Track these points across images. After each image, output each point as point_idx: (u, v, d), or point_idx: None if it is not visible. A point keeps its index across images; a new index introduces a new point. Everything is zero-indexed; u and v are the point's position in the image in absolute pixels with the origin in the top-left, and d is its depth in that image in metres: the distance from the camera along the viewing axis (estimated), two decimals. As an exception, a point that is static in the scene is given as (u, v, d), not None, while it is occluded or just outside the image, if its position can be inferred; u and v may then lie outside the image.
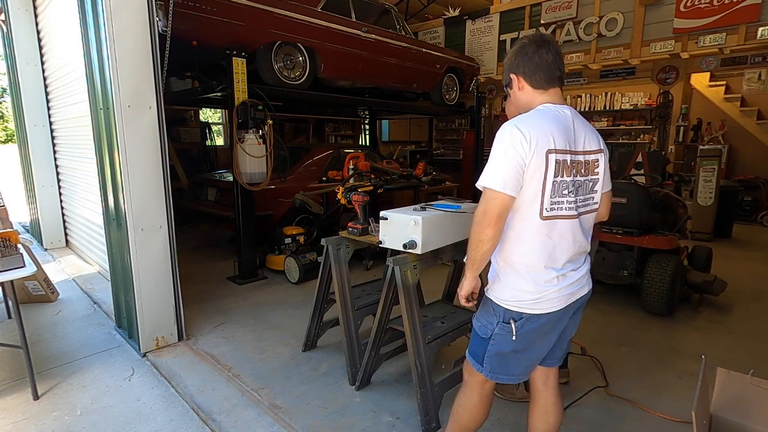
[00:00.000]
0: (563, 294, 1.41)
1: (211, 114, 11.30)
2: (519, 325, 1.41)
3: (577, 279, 1.45)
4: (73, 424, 2.18)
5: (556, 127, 1.34)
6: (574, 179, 1.38)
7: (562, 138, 1.34)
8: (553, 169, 1.32)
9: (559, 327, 1.48)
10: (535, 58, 1.39)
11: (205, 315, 3.47)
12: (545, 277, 1.38)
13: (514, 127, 1.32)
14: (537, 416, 1.63)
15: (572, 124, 1.39)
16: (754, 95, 7.66)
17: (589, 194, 1.45)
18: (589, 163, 1.41)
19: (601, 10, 6.64)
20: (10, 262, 2.30)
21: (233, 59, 3.91)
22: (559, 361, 1.61)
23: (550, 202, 1.34)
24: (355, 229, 2.54)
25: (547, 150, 1.30)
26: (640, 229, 3.48)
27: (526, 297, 1.39)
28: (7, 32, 5.03)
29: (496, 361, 1.48)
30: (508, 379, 1.51)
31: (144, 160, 2.70)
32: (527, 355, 1.47)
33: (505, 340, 1.44)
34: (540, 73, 1.40)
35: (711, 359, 1.80)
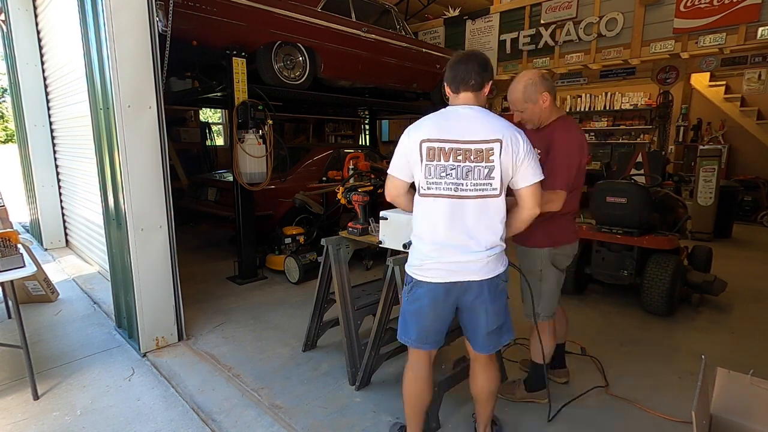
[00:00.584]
0: (442, 268, 1.64)
1: (211, 114, 11.29)
2: (409, 288, 1.73)
3: (463, 261, 1.63)
4: (73, 424, 2.18)
5: (437, 121, 1.65)
6: (456, 164, 1.60)
7: (441, 129, 1.62)
8: (425, 154, 1.62)
9: (446, 305, 1.69)
10: (453, 71, 1.70)
11: (205, 315, 3.47)
12: (427, 247, 1.67)
13: (407, 128, 1.69)
14: (470, 380, 1.91)
15: (465, 118, 1.64)
16: (754, 95, 7.66)
17: (485, 180, 1.61)
18: (481, 152, 1.59)
19: (601, 10, 6.63)
20: (10, 262, 2.30)
21: (233, 59, 3.91)
22: (484, 350, 1.78)
23: (426, 182, 1.64)
24: (355, 229, 2.54)
25: (420, 140, 1.62)
26: (640, 229, 3.48)
27: (414, 263, 1.71)
28: (7, 32, 5.03)
29: (402, 320, 1.79)
30: (407, 340, 1.78)
31: (144, 160, 2.70)
32: (418, 320, 1.73)
33: (405, 300, 1.77)
34: (452, 81, 1.71)
35: (711, 359, 1.80)
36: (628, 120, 9.31)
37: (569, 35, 6.94)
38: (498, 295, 1.71)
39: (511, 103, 2.13)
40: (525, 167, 1.62)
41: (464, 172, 1.60)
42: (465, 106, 1.67)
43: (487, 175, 1.60)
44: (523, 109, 2.08)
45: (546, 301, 2.19)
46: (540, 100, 2.03)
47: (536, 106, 2.05)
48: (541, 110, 2.06)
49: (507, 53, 7.77)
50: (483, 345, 1.76)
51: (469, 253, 1.63)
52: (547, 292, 2.18)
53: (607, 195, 3.56)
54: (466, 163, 1.60)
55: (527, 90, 2.03)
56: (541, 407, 2.29)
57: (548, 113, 2.08)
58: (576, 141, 2.01)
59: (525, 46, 7.50)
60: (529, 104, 2.05)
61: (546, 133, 2.07)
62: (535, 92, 2.03)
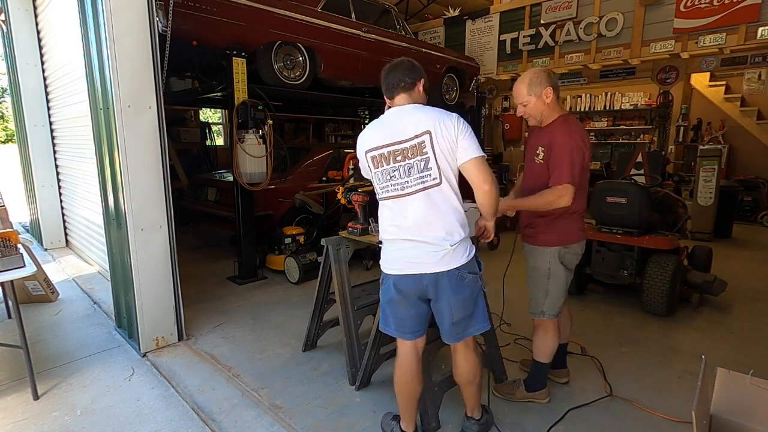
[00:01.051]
0: (400, 260, 1.77)
1: (211, 114, 11.29)
2: (382, 279, 1.89)
3: (418, 253, 1.73)
4: (73, 424, 2.18)
5: (376, 129, 1.77)
6: (398, 164, 1.70)
7: (377, 137, 1.74)
8: (371, 164, 1.76)
9: (411, 295, 1.79)
10: (384, 82, 1.81)
11: (205, 315, 3.47)
12: (387, 242, 1.82)
13: (358, 138, 1.84)
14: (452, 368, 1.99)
15: (396, 118, 1.73)
16: (754, 95, 7.66)
17: (424, 172, 1.68)
18: (415, 146, 1.67)
19: (601, 10, 6.63)
20: (10, 262, 2.30)
21: (233, 59, 3.91)
22: (449, 339, 1.87)
23: (380, 188, 1.78)
24: (355, 229, 2.54)
25: (365, 151, 1.77)
26: (640, 229, 3.48)
27: (383, 258, 1.85)
28: (7, 32, 5.04)
29: (381, 312, 1.93)
30: (388, 330, 1.90)
31: (144, 160, 2.70)
32: (392, 310, 1.86)
33: (381, 292, 1.91)
34: (386, 90, 1.81)
35: (711, 359, 1.80)
36: (628, 120, 9.30)
37: (569, 35, 6.94)
38: (460, 287, 1.75)
39: (515, 96, 2.15)
40: (462, 146, 1.67)
41: (407, 169, 1.70)
42: (398, 107, 1.77)
43: (424, 166, 1.68)
44: (527, 102, 2.10)
45: (553, 299, 2.20)
46: (543, 95, 2.06)
47: (539, 100, 2.07)
48: (544, 105, 2.09)
49: (507, 53, 7.77)
50: (447, 334, 1.85)
51: (423, 246, 1.72)
52: (554, 291, 2.19)
53: (607, 195, 3.56)
54: (406, 161, 1.69)
55: (532, 82, 2.06)
56: (541, 407, 2.30)
57: (550, 110, 2.10)
58: (578, 138, 2.02)
59: (525, 46, 7.50)
60: (532, 97, 2.08)
61: (548, 131, 2.10)
62: (539, 86, 2.06)
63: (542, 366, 2.29)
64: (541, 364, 2.29)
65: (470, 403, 2.02)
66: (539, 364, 2.29)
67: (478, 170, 1.68)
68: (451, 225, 1.71)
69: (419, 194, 1.70)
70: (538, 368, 2.31)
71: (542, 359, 2.28)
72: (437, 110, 1.71)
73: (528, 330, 3.08)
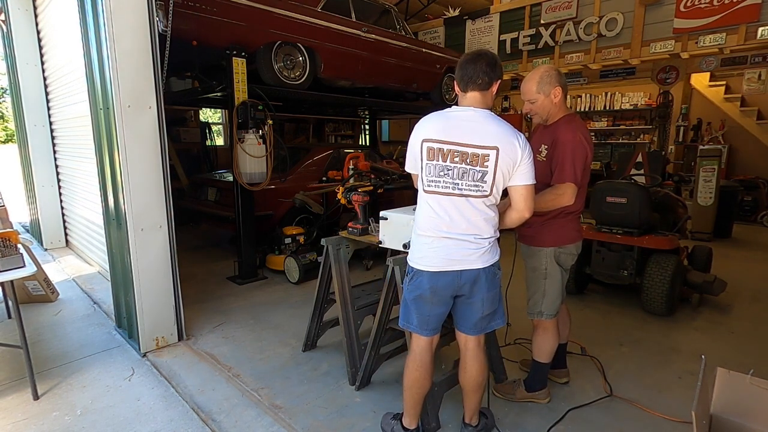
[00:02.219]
0: (439, 257, 1.75)
1: (211, 114, 11.29)
2: (410, 276, 1.84)
3: (461, 251, 1.73)
4: (73, 424, 2.18)
5: (441, 123, 1.73)
6: (453, 165, 1.69)
7: (441, 131, 1.71)
8: (426, 153, 1.73)
9: (445, 293, 1.78)
10: (462, 70, 1.77)
11: (205, 315, 3.47)
12: (426, 238, 1.78)
13: (416, 124, 1.78)
14: (460, 370, 1.99)
15: (465, 122, 1.70)
16: (754, 95, 7.66)
17: (479, 182, 1.70)
18: (478, 156, 1.67)
19: (601, 10, 6.63)
20: (10, 262, 2.30)
21: (233, 59, 3.91)
22: (472, 331, 1.88)
23: (427, 180, 1.75)
24: (355, 229, 2.54)
25: (422, 139, 1.73)
26: (640, 229, 3.48)
27: (415, 254, 1.82)
28: (7, 32, 5.03)
29: (404, 307, 1.90)
30: (409, 326, 1.89)
31: (144, 160, 2.70)
32: (419, 307, 1.83)
33: (407, 289, 1.87)
34: (461, 80, 1.77)
35: (711, 359, 1.80)
36: (628, 120, 9.30)
37: (569, 35, 6.94)
38: (494, 282, 1.82)
39: (523, 93, 2.15)
40: (520, 171, 1.70)
41: (460, 172, 1.70)
42: (469, 108, 1.74)
43: (480, 178, 1.69)
44: (535, 99, 2.10)
45: (550, 299, 2.20)
46: (552, 94, 2.07)
47: (547, 98, 2.08)
48: (552, 104, 2.09)
49: (507, 53, 7.77)
50: (473, 327, 1.87)
51: (467, 244, 1.73)
52: (551, 291, 2.19)
53: (607, 195, 3.56)
54: (462, 164, 1.69)
55: (542, 80, 2.06)
56: (540, 407, 2.30)
57: (557, 109, 2.11)
58: (582, 137, 2.03)
59: (525, 46, 7.50)
60: (541, 95, 2.08)
61: (552, 129, 2.10)
62: (549, 84, 2.06)
63: (542, 366, 2.29)
64: (540, 364, 2.29)
65: (470, 409, 2.01)
66: (539, 364, 2.29)
67: (526, 198, 1.74)
68: (488, 226, 1.76)
69: (470, 198, 1.72)
70: (537, 368, 2.31)
71: (542, 359, 2.28)
72: (509, 127, 1.71)
73: (528, 330, 3.07)
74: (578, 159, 2.00)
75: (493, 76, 1.74)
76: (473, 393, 1.96)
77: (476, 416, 2.03)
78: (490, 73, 1.73)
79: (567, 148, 2.00)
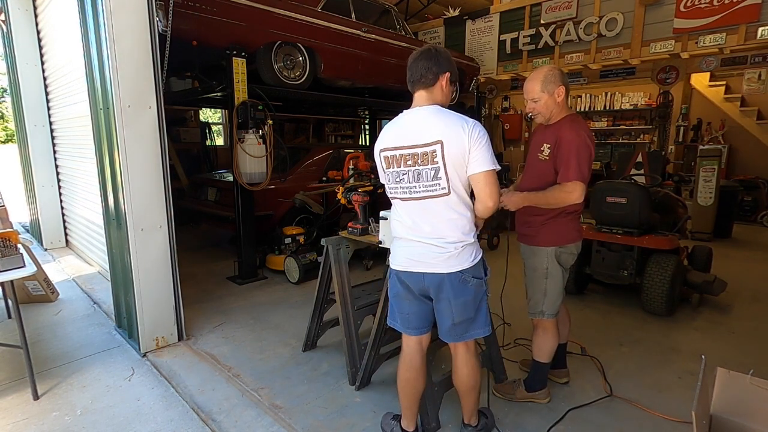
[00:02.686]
0: (404, 256, 1.79)
1: (211, 114, 11.29)
2: (389, 274, 1.93)
3: (424, 254, 1.74)
4: (73, 424, 2.18)
5: (393, 130, 1.74)
6: (407, 168, 1.69)
7: (393, 138, 1.72)
8: (383, 163, 1.77)
9: (413, 291, 1.82)
10: (408, 72, 1.74)
11: (205, 315, 3.47)
12: (398, 240, 1.84)
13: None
14: (452, 372, 1.99)
15: (411, 122, 1.69)
16: (754, 95, 7.65)
17: (434, 181, 1.66)
18: (426, 154, 1.65)
19: (601, 10, 6.63)
20: (10, 262, 2.30)
21: (233, 59, 3.91)
22: (447, 338, 1.86)
23: (388, 188, 1.81)
24: (355, 229, 2.54)
25: (379, 150, 1.77)
26: (640, 229, 3.48)
27: (391, 254, 1.90)
28: (7, 32, 5.03)
29: (389, 306, 1.96)
30: (394, 324, 1.93)
31: (144, 160, 2.70)
32: (399, 304, 1.89)
33: (388, 287, 1.95)
34: (409, 83, 1.76)
35: (711, 359, 1.80)
36: (628, 120, 9.30)
37: (569, 35, 6.94)
38: (462, 290, 1.74)
39: (526, 92, 2.15)
40: (473, 158, 1.62)
41: (415, 175, 1.69)
42: (415, 108, 1.73)
43: (434, 176, 1.66)
44: (538, 98, 2.10)
45: (551, 299, 2.20)
46: (556, 93, 2.07)
47: (551, 98, 2.08)
48: (555, 103, 2.10)
49: (507, 53, 7.77)
50: (446, 334, 1.85)
51: (428, 247, 1.73)
52: (551, 291, 2.19)
53: (607, 195, 3.56)
54: (415, 166, 1.68)
55: (546, 79, 2.07)
56: (541, 407, 2.30)
57: (559, 109, 2.12)
58: (585, 136, 2.04)
59: (525, 46, 7.50)
60: (545, 94, 2.08)
61: (556, 129, 2.11)
62: (553, 83, 2.06)
63: (542, 366, 2.29)
64: (541, 363, 2.29)
65: (468, 410, 2.01)
66: (539, 364, 2.29)
67: (486, 185, 1.65)
68: (457, 231, 1.70)
69: (429, 200, 1.70)
70: (538, 368, 2.31)
71: (542, 359, 2.28)
72: (453, 117, 1.64)
73: (528, 330, 3.07)
74: (584, 157, 2.01)
75: (437, 71, 1.67)
76: (467, 395, 1.97)
77: (475, 416, 2.03)
78: (432, 68, 1.67)
79: (572, 147, 2.01)
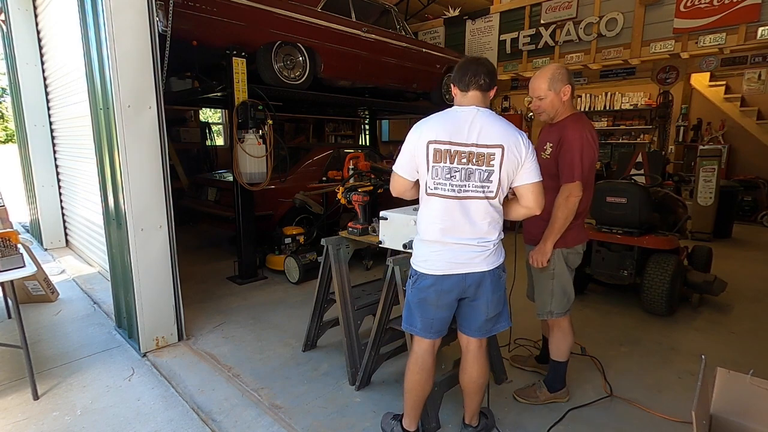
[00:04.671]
0: (444, 260, 1.74)
1: (211, 114, 11.29)
2: (414, 280, 1.82)
3: (463, 254, 1.73)
4: (73, 423, 2.18)
5: (446, 123, 1.69)
6: (461, 166, 1.67)
7: (447, 132, 1.67)
8: (432, 155, 1.68)
9: (450, 296, 1.77)
10: (463, 70, 1.76)
11: (205, 315, 3.47)
12: (431, 242, 1.76)
13: (415, 126, 1.74)
14: (460, 371, 1.98)
15: (469, 121, 1.68)
16: (754, 95, 7.66)
17: (485, 183, 1.68)
18: (483, 155, 1.66)
19: (601, 10, 6.63)
20: (10, 262, 2.30)
21: (233, 59, 3.91)
22: (476, 333, 1.86)
23: (433, 183, 1.71)
24: (355, 229, 2.54)
25: (428, 141, 1.67)
26: (640, 229, 3.48)
27: (419, 258, 1.80)
28: (7, 32, 5.03)
29: (407, 311, 1.89)
30: (412, 329, 1.87)
31: (144, 160, 2.70)
32: (423, 310, 1.81)
33: (410, 292, 1.85)
34: (460, 80, 1.76)
35: (711, 359, 1.80)
36: (628, 120, 9.31)
37: (569, 35, 6.94)
38: (499, 284, 1.81)
39: (532, 90, 2.16)
40: (526, 168, 1.70)
41: (467, 174, 1.68)
42: (471, 107, 1.72)
43: (486, 178, 1.68)
44: (545, 96, 2.11)
45: (558, 298, 2.21)
46: (562, 91, 2.09)
47: (557, 96, 2.10)
48: (560, 102, 2.11)
49: (507, 53, 7.77)
50: (477, 330, 1.85)
51: (471, 247, 1.72)
52: (558, 291, 2.21)
53: (607, 195, 3.56)
54: (468, 165, 1.67)
55: (554, 78, 2.08)
56: (540, 407, 2.30)
57: (564, 108, 2.13)
58: (588, 135, 2.05)
59: (525, 46, 7.50)
60: (551, 92, 2.09)
61: (560, 128, 2.12)
62: (560, 82, 2.08)
63: (560, 365, 2.31)
64: (559, 363, 2.30)
65: (471, 410, 2.01)
66: (557, 364, 2.31)
67: (537, 194, 1.72)
68: (493, 229, 1.75)
69: (476, 201, 1.70)
70: (557, 367, 2.32)
71: (560, 358, 2.29)
72: (512, 126, 1.71)
73: (528, 330, 3.08)
74: (586, 157, 2.02)
75: (491, 82, 1.77)
76: (474, 395, 1.96)
77: (476, 417, 2.03)
78: (490, 76, 1.75)
79: (575, 146, 2.02)
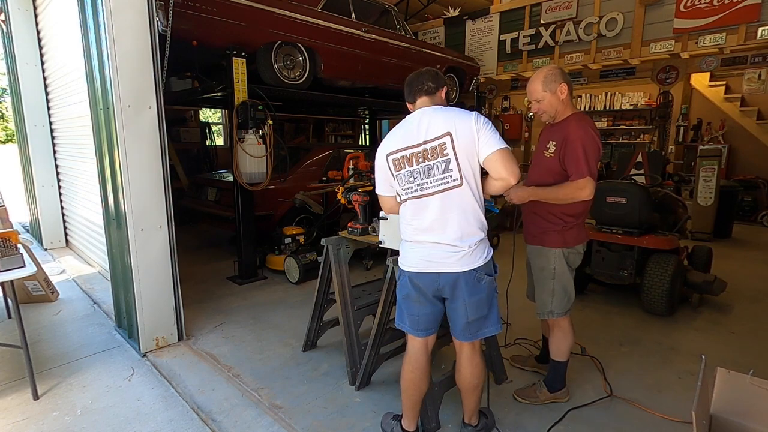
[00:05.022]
0: (419, 258, 1.79)
1: (211, 114, 11.29)
2: (399, 275, 1.92)
3: (437, 253, 1.75)
4: (73, 423, 2.18)
5: (397, 132, 1.80)
6: (419, 166, 1.73)
7: (400, 139, 1.77)
8: (393, 166, 1.79)
9: (428, 292, 1.81)
10: (407, 87, 1.89)
11: (205, 315, 3.47)
12: (408, 243, 1.85)
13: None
14: (455, 371, 1.99)
15: (417, 122, 1.75)
16: (754, 95, 7.65)
17: (445, 173, 1.70)
18: (435, 148, 1.70)
19: (601, 10, 6.63)
20: (10, 262, 2.30)
21: (233, 59, 3.91)
22: (461, 337, 1.86)
23: (402, 190, 1.81)
24: (355, 229, 2.54)
25: (386, 155, 1.80)
26: (640, 229, 3.48)
27: (400, 256, 1.90)
28: (7, 32, 5.03)
29: (397, 308, 1.96)
30: (402, 326, 1.92)
31: (144, 160, 2.70)
32: (408, 306, 1.88)
33: (398, 289, 1.93)
34: (408, 94, 1.89)
35: (711, 359, 1.80)
36: (628, 120, 9.31)
37: (569, 35, 6.94)
38: (476, 288, 1.76)
39: (529, 93, 2.17)
40: (483, 142, 1.67)
41: (426, 171, 1.72)
42: (419, 110, 1.80)
43: (446, 168, 1.70)
44: (541, 98, 2.12)
45: (558, 298, 2.21)
46: (558, 91, 2.09)
47: (554, 96, 2.10)
48: (558, 101, 2.11)
49: (507, 53, 7.78)
50: (461, 333, 1.85)
51: (442, 247, 1.74)
52: (559, 291, 2.21)
53: (607, 195, 3.56)
54: (426, 162, 1.72)
55: (547, 79, 2.09)
56: (541, 407, 2.30)
57: (564, 107, 2.13)
58: (592, 133, 2.05)
59: (525, 46, 7.50)
60: (548, 93, 2.10)
61: (562, 127, 2.12)
62: (554, 82, 2.08)
63: (560, 365, 2.31)
64: (559, 363, 2.30)
65: (469, 409, 2.02)
66: (557, 363, 2.31)
67: (503, 161, 1.66)
68: (470, 226, 1.73)
69: (439, 195, 1.72)
70: (557, 367, 2.32)
71: (560, 358, 2.29)
72: (456, 110, 1.73)
73: (528, 330, 3.08)
74: (591, 154, 2.02)
75: (437, 84, 1.83)
76: (469, 394, 1.97)
77: (476, 416, 2.04)
78: (434, 80, 1.83)
79: (579, 143, 2.02)
